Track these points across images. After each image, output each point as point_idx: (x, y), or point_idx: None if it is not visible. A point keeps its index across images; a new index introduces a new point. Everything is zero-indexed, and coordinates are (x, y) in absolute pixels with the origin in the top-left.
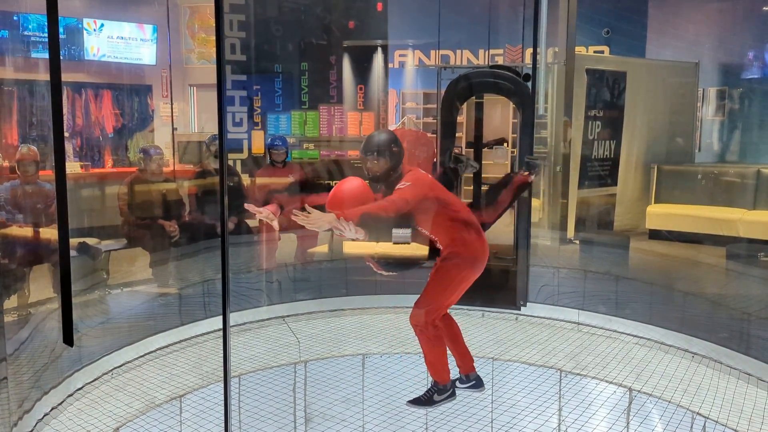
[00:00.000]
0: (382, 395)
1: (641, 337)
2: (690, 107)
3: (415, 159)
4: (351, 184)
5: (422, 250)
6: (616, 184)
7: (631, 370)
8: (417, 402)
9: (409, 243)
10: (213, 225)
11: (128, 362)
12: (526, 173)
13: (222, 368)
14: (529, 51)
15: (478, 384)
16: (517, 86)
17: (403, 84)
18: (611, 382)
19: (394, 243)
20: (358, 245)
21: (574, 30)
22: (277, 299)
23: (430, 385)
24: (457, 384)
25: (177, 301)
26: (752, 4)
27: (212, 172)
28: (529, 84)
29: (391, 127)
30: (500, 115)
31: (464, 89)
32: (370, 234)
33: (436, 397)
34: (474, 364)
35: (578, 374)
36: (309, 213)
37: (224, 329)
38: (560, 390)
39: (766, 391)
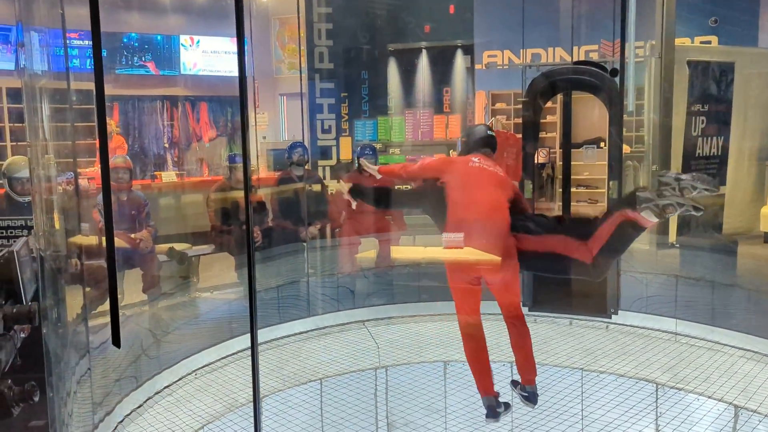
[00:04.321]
0: (464, 403)
1: (747, 350)
2: None
3: (503, 159)
4: None
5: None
6: (724, 184)
7: (736, 385)
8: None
9: (461, 247)
10: (295, 230)
11: (211, 363)
12: (634, 210)
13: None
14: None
15: (530, 398)
16: (603, 82)
17: (493, 85)
18: (714, 398)
19: (445, 247)
20: (406, 251)
21: (673, 20)
22: (356, 303)
23: None
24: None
25: (258, 303)
26: None
27: (294, 179)
28: (617, 79)
29: None
30: (598, 113)
31: (545, 88)
32: None
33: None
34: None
35: (677, 388)
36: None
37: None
38: (657, 405)
39: None
